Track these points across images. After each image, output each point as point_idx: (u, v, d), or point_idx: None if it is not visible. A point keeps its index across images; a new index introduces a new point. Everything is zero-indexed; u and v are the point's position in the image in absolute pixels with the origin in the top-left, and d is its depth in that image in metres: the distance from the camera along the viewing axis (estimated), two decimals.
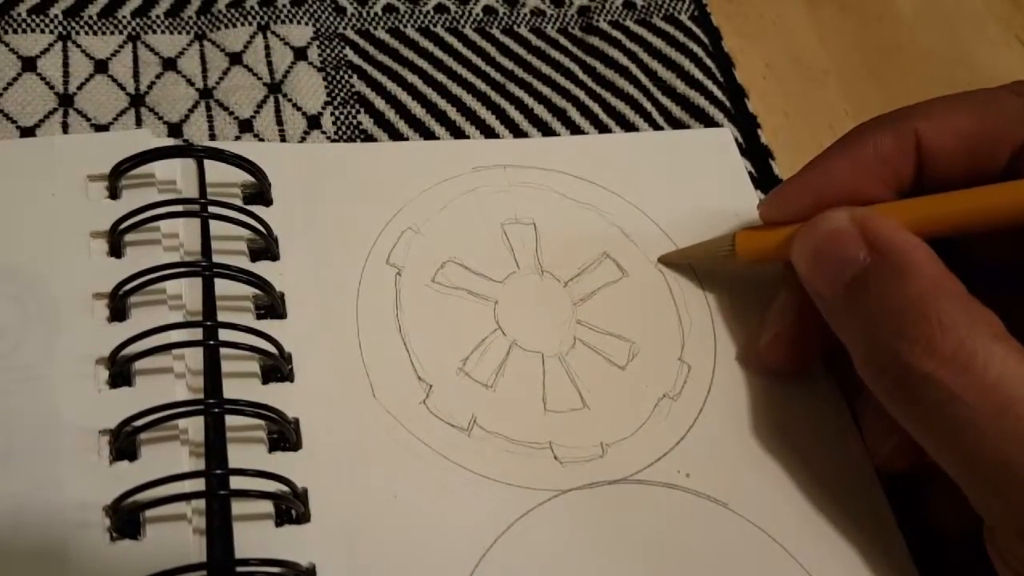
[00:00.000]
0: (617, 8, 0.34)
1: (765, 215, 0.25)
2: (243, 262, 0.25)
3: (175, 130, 0.28)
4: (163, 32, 0.30)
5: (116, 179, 0.24)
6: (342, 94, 0.29)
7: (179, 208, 0.23)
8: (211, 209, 0.24)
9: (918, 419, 0.20)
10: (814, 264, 0.23)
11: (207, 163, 0.25)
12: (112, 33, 0.29)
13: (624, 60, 0.32)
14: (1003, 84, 0.23)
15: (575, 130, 0.30)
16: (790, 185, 0.25)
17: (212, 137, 0.28)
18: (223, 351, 0.23)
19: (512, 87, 0.31)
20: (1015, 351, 0.19)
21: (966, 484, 0.20)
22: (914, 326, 0.20)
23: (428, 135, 0.29)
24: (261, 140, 0.28)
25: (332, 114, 0.29)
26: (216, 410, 0.21)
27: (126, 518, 0.20)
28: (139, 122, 0.28)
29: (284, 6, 0.31)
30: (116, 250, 0.23)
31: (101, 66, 0.29)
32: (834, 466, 0.25)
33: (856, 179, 0.23)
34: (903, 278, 0.21)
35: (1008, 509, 0.19)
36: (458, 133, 0.29)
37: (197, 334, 0.23)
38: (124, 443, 0.21)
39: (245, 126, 0.28)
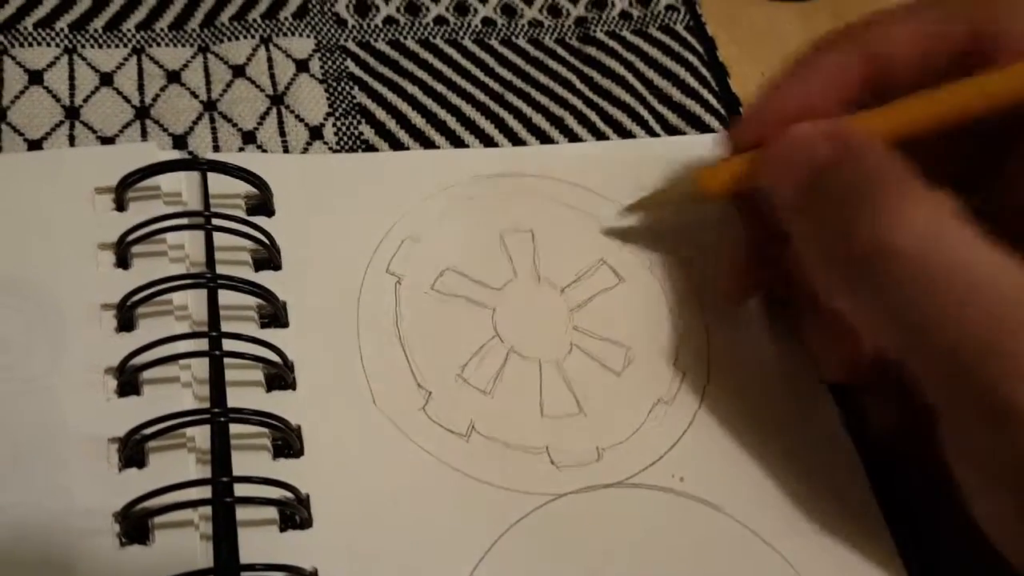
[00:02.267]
0: (614, 19, 0.34)
1: (733, 140, 0.26)
2: (247, 272, 0.25)
3: (180, 142, 0.28)
4: (167, 45, 0.30)
5: (123, 192, 0.25)
6: (343, 105, 0.30)
7: (184, 221, 0.24)
8: (215, 222, 0.24)
9: (882, 300, 0.20)
10: (779, 164, 0.23)
11: (211, 174, 0.26)
12: (117, 46, 0.30)
13: (621, 70, 0.33)
14: None
15: (573, 138, 0.31)
16: (752, 111, 0.26)
17: (216, 148, 0.28)
18: (228, 360, 0.23)
19: (511, 97, 0.31)
20: (977, 231, 0.20)
21: (922, 367, 0.20)
22: (882, 203, 0.20)
23: (428, 145, 0.30)
24: (264, 151, 0.28)
25: (334, 125, 0.29)
26: (222, 419, 0.22)
27: (135, 524, 0.21)
28: (144, 134, 0.28)
29: (286, 19, 0.31)
30: (123, 261, 0.24)
31: (106, 79, 0.29)
32: (825, 470, 0.25)
33: (815, 97, 0.24)
34: (866, 162, 0.21)
35: (971, 389, 0.19)
36: (458, 142, 0.30)
37: (203, 344, 0.23)
38: (132, 451, 0.21)
39: (248, 137, 0.29)
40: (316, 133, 0.29)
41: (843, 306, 0.21)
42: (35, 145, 0.27)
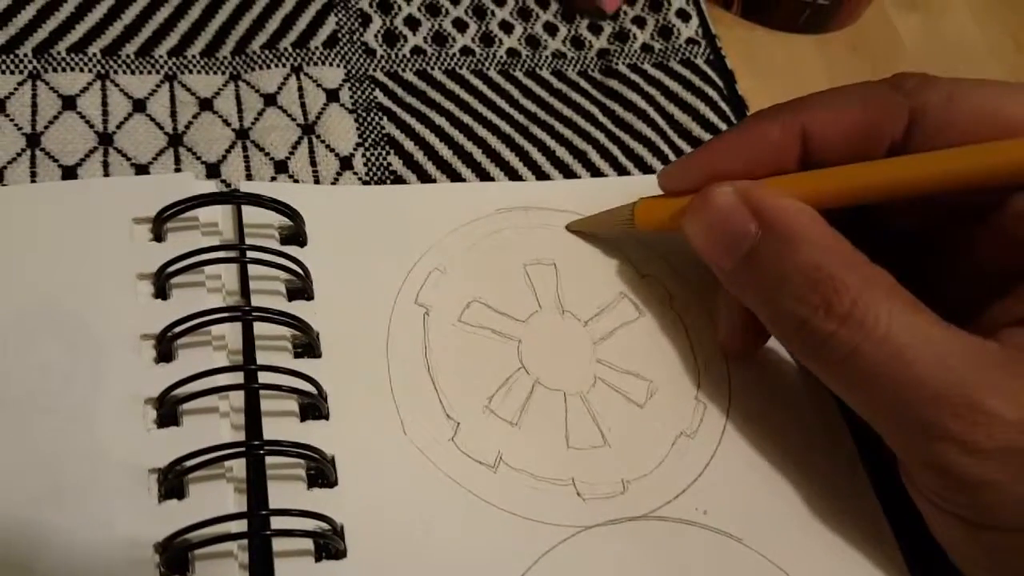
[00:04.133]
0: (635, 51, 0.35)
1: (663, 184, 0.27)
2: (281, 301, 0.26)
3: (213, 170, 0.29)
4: (199, 72, 0.31)
5: (161, 223, 0.25)
6: (373, 136, 0.30)
7: (222, 254, 0.24)
8: (251, 254, 0.25)
9: (829, 374, 0.23)
10: (709, 240, 0.24)
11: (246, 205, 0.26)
12: (149, 72, 0.30)
13: (642, 103, 0.33)
14: (886, 77, 0.25)
15: (595, 172, 0.31)
16: (687, 159, 0.26)
17: (249, 177, 0.29)
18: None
19: (535, 129, 0.32)
20: (905, 303, 0.21)
21: (877, 427, 0.22)
22: (811, 291, 0.22)
23: (455, 176, 0.30)
24: (296, 181, 0.29)
25: (363, 155, 0.30)
26: (260, 451, 0.22)
27: (175, 555, 0.21)
28: (178, 161, 0.29)
29: (316, 48, 0.32)
30: (162, 292, 0.24)
31: (139, 105, 0.30)
32: (843, 502, 0.26)
33: (746, 159, 0.25)
34: (793, 245, 0.22)
35: (911, 445, 0.21)
36: (483, 174, 0.31)
37: (240, 375, 0.24)
38: (173, 482, 0.22)
39: (280, 167, 0.29)
40: (346, 163, 0.30)
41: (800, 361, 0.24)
42: (69, 171, 0.28)
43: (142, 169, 0.28)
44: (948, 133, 0.22)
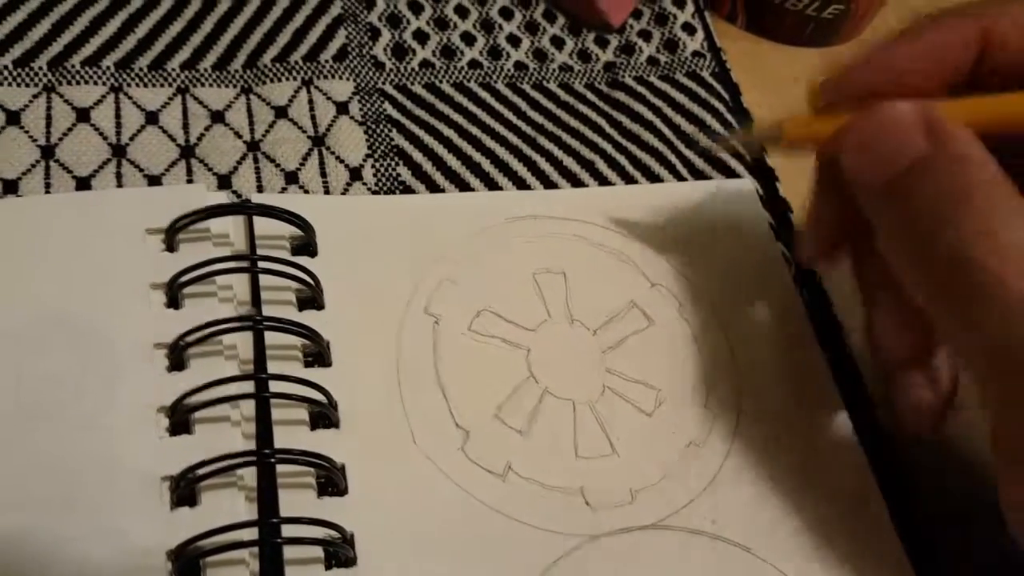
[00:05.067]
0: (641, 64, 0.35)
1: (825, 96, 0.25)
2: (291, 311, 0.26)
3: (224, 181, 0.29)
4: (211, 85, 0.31)
5: (174, 234, 0.25)
6: (382, 147, 0.31)
7: (233, 265, 0.25)
8: (262, 264, 0.25)
9: (962, 309, 0.20)
10: (866, 151, 0.23)
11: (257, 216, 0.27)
12: (162, 85, 0.31)
13: (649, 115, 0.33)
14: None
15: (603, 181, 0.32)
16: (854, 69, 0.25)
17: (260, 189, 0.29)
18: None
19: (543, 140, 0.32)
20: None
21: (994, 373, 0.20)
22: (975, 215, 0.20)
23: (463, 186, 0.31)
24: (306, 192, 0.29)
25: (373, 166, 0.30)
26: (271, 460, 0.22)
27: (187, 563, 0.21)
28: (190, 173, 0.29)
29: (326, 62, 0.32)
30: (174, 301, 0.25)
31: (152, 118, 0.30)
32: (853, 512, 0.26)
33: (916, 68, 0.24)
34: (965, 168, 0.21)
35: None
36: (492, 184, 0.31)
37: (251, 384, 0.24)
38: (185, 490, 0.22)
39: (291, 178, 0.29)
40: (356, 174, 0.30)
41: (924, 304, 0.22)
42: (83, 183, 0.28)
43: (155, 180, 0.28)
44: None
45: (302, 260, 0.26)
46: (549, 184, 0.31)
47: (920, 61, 0.24)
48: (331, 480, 0.23)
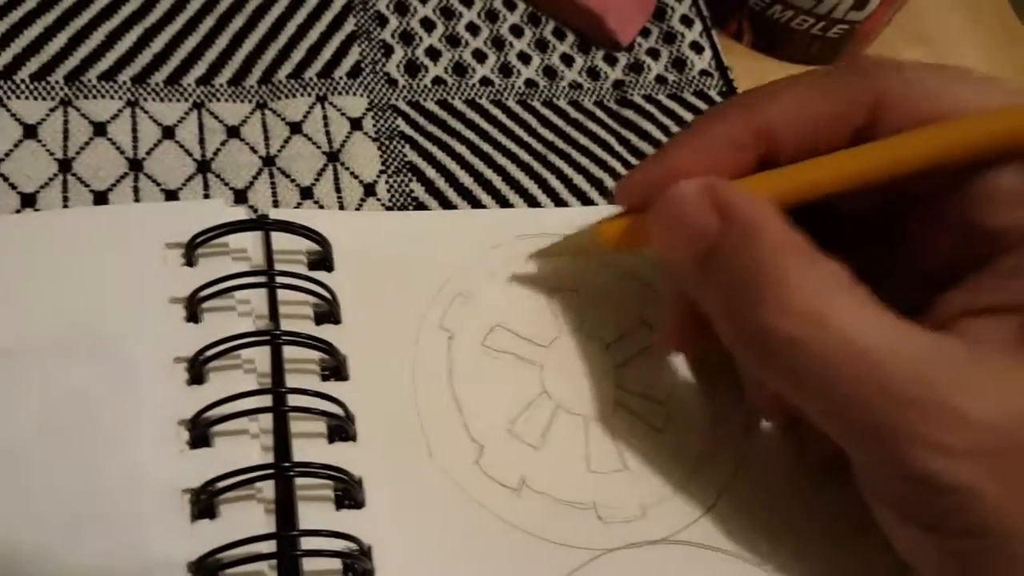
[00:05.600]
0: (650, 83, 0.36)
1: (620, 201, 0.26)
2: (309, 326, 0.26)
3: (240, 196, 0.29)
4: (226, 100, 0.31)
5: (193, 249, 0.26)
6: (395, 163, 0.31)
7: (252, 280, 0.25)
8: (280, 279, 0.25)
9: (784, 379, 0.21)
10: (669, 237, 0.23)
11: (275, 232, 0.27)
12: (178, 100, 0.31)
13: (657, 133, 0.34)
14: (845, 62, 0.24)
15: (612, 199, 0.32)
16: (641, 170, 0.25)
17: (275, 204, 0.29)
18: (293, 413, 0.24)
19: (553, 158, 0.33)
20: (865, 300, 0.20)
21: (838, 435, 0.21)
22: (766, 288, 0.21)
23: (475, 203, 0.31)
24: (321, 207, 0.29)
25: (387, 182, 0.31)
26: (290, 473, 0.23)
27: (207, 575, 0.21)
28: (206, 187, 0.29)
29: (340, 78, 0.33)
30: (193, 316, 0.25)
31: (168, 132, 0.30)
32: (865, 528, 0.26)
33: (706, 162, 0.23)
34: (752, 241, 0.21)
35: (877, 451, 0.20)
36: (503, 201, 0.31)
37: (269, 398, 0.24)
38: (205, 503, 0.22)
39: (306, 193, 0.30)
40: (370, 190, 0.30)
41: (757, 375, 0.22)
42: (101, 197, 0.28)
43: (171, 195, 0.29)
44: (911, 117, 0.22)
45: (319, 275, 0.27)
46: (559, 201, 0.32)
47: (701, 156, 0.24)
48: (348, 493, 0.24)
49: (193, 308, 0.25)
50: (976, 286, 0.22)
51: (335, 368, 0.26)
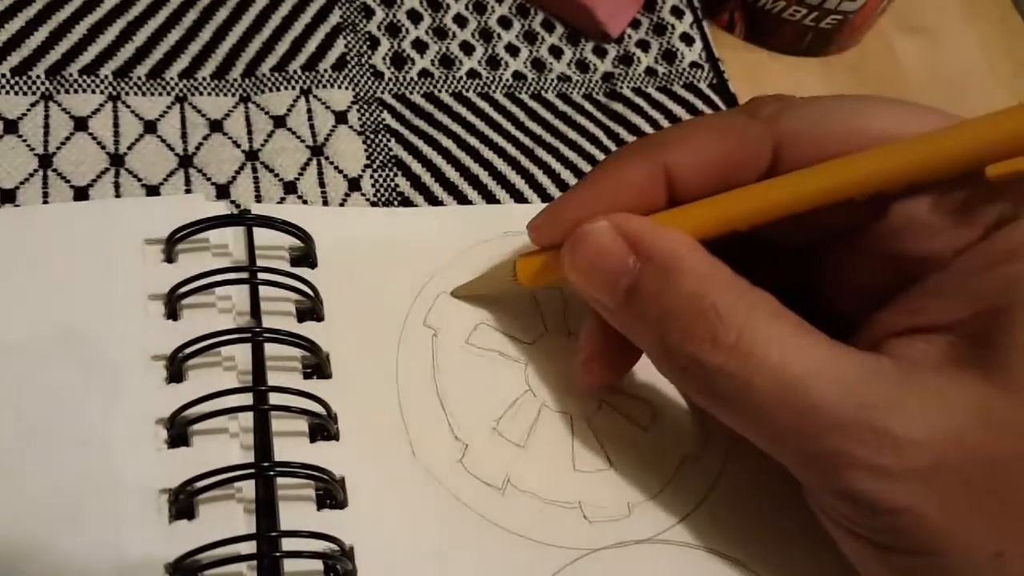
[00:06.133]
0: (639, 75, 0.35)
1: (534, 239, 0.25)
2: (291, 322, 0.26)
3: (223, 191, 0.29)
4: (209, 94, 0.31)
5: (173, 244, 0.25)
6: (381, 157, 0.31)
7: (233, 276, 0.25)
8: (262, 276, 0.25)
9: (724, 409, 0.21)
10: (588, 279, 0.23)
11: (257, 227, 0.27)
12: (160, 94, 0.31)
13: (646, 127, 0.34)
14: (743, 105, 0.24)
15: None
16: (552, 209, 0.25)
17: (258, 199, 0.29)
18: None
19: (540, 152, 0.32)
20: (792, 327, 0.20)
21: (780, 458, 0.21)
22: (695, 323, 0.21)
23: (461, 198, 0.31)
24: (305, 202, 0.29)
25: (371, 177, 0.30)
26: (270, 473, 0.22)
27: None
28: (188, 182, 0.29)
29: (325, 71, 0.32)
30: (173, 313, 0.25)
31: (150, 127, 0.30)
32: None
33: (611, 203, 0.23)
34: (673, 277, 0.21)
35: (817, 474, 0.21)
36: (489, 196, 0.31)
37: (250, 396, 0.24)
38: (183, 503, 0.22)
39: (289, 188, 0.29)
40: (354, 185, 0.30)
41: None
42: (81, 192, 0.28)
43: (153, 190, 0.28)
44: (815, 155, 0.22)
45: (302, 271, 0.26)
46: (547, 196, 0.31)
47: (608, 197, 0.23)
48: (330, 492, 0.24)
49: (172, 305, 0.25)
50: (904, 307, 0.22)
51: (317, 366, 0.25)
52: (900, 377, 0.20)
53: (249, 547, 0.22)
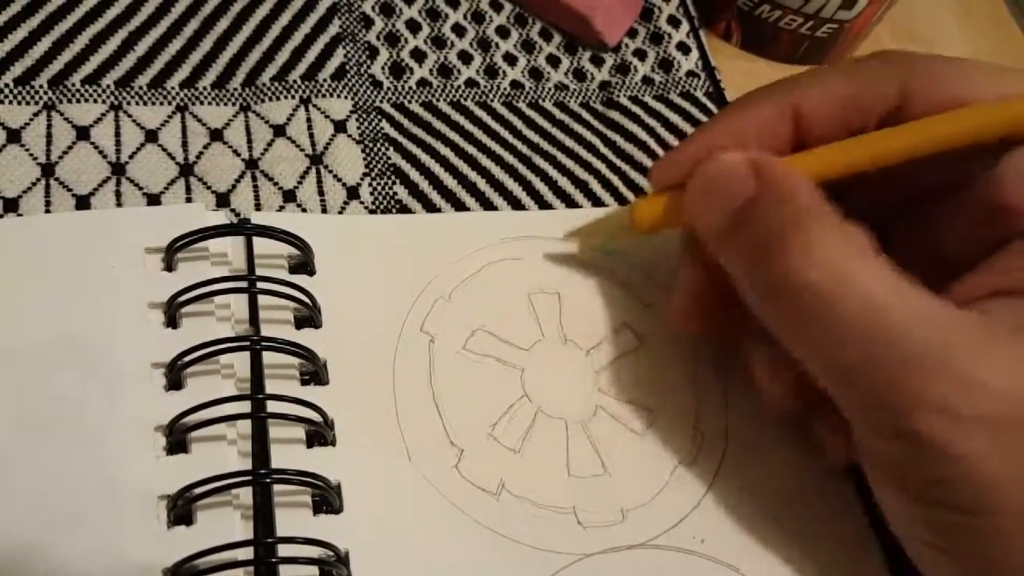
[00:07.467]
0: (636, 84, 0.36)
1: (656, 178, 0.27)
2: (289, 330, 0.26)
3: (223, 199, 0.29)
4: (210, 103, 0.31)
5: (172, 253, 0.26)
6: (379, 166, 0.31)
7: (232, 284, 0.25)
8: (260, 285, 0.25)
9: (801, 330, 0.22)
10: (706, 197, 0.24)
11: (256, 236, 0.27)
12: (161, 104, 0.31)
13: (643, 135, 0.34)
14: (873, 52, 0.25)
15: (596, 202, 0.32)
16: (678, 151, 0.26)
17: (258, 207, 0.29)
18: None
19: (538, 159, 0.33)
20: (886, 266, 0.21)
21: (841, 391, 0.21)
22: (794, 240, 0.21)
23: (459, 206, 0.31)
24: (304, 210, 0.29)
25: (370, 185, 0.31)
26: (267, 480, 0.23)
27: None
28: (189, 191, 0.29)
29: (325, 80, 0.33)
30: (172, 321, 0.25)
31: (151, 136, 0.30)
32: (839, 534, 0.26)
33: (739, 142, 0.24)
34: (786, 201, 0.22)
35: (880, 409, 0.20)
36: (487, 204, 0.31)
37: (248, 404, 0.24)
38: (182, 509, 0.22)
39: (289, 196, 0.30)
40: (353, 193, 0.30)
41: (774, 334, 0.23)
42: (83, 201, 0.28)
43: (154, 199, 0.29)
44: (939, 104, 0.23)
45: (300, 279, 0.27)
46: (544, 204, 0.32)
47: (736, 136, 0.25)
48: (326, 498, 0.24)
49: (172, 313, 0.25)
50: (990, 269, 0.22)
51: (314, 373, 0.26)
52: (985, 329, 0.20)
53: (246, 553, 0.22)
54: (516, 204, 0.31)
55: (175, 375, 0.24)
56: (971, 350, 0.20)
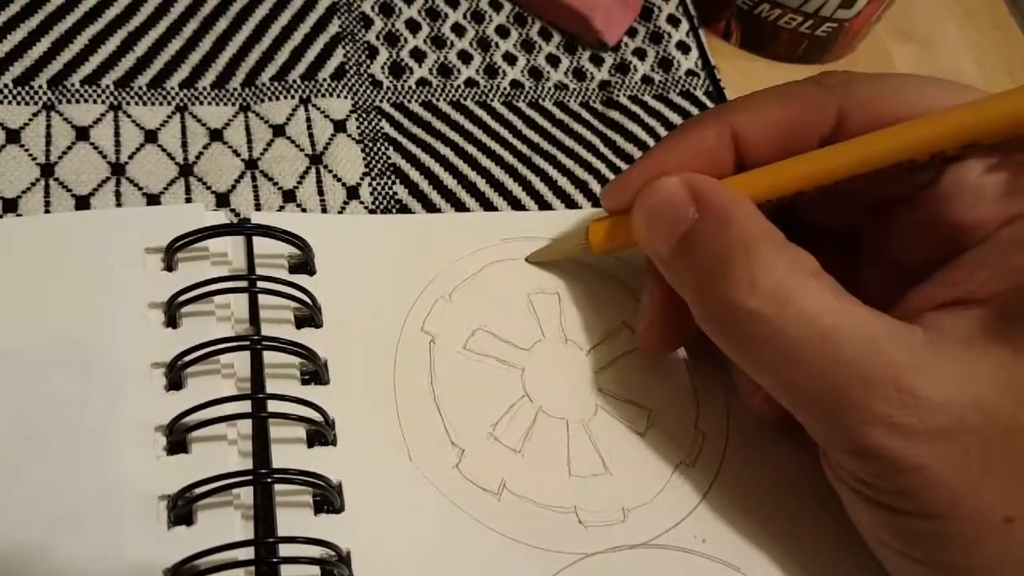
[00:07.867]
0: (636, 83, 0.36)
1: (607, 204, 0.27)
2: (289, 330, 0.26)
3: (223, 199, 0.29)
4: (209, 104, 0.31)
5: (172, 253, 0.26)
6: (379, 166, 0.31)
7: (232, 284, 0.25)
8: (260, 284, 0.25)
9: (750, 356, 0.22)
10: (650, 225, 0.25)
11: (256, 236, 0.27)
12: (161, 104, 0.31)
13: (643, 134, 0.34)
14: (811, 76, 0.25)
15: (597, 202, 0.32)
16: (625, 176, 0.26)
17: (257, 207, 0.29)
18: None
19: (538, 159, 0.32)
20: (830, 286, 0.22)
21: (797, 412, 0.22)
22: (737, 267, 0.22)
23: (459, 205, 0.31)
24: (304, 210, 0.29)
25: (370, 185, 0.31)
26: (268, 480, 0.23)
27: None
28: (189, 191, 0.29)
29: (324, 80, 0.33)
30: (172, 321, 0.25)
31: (151, 136, 0.30)
32: (843, 530, 0.26)
33: (683, 167, 0.25)
34: (726, 227, 0.23)
35: (837, 429, 0.21)
36: (487, 203, 0.31)
37: (248, 404, 0.24)
38: (182, 509, 0.22)
39: (288, 196, 0.30)
40: (353, 193, 0.30)
41: (728, 356, 0.23)
42: (82, 201, 0.28)
43: (154, 199, 0.29)
44: (876, 123, 0.23)
45: (300, 279, 0.27)
46: (544, 203, 0.32)
47: (680, 161, 0.25)
48: (327, 498, 0.24)
49: (172, 313, 0.25)
50: (941, 280, 0.23)
51: (315, 373, 0.26)
52: (929, 344, 0.20)
53: (247, 553, 0.22)
54: (516, 204, 0.31)
55: (175, 375, 0.24)
56: (917, 366, 0.20)
